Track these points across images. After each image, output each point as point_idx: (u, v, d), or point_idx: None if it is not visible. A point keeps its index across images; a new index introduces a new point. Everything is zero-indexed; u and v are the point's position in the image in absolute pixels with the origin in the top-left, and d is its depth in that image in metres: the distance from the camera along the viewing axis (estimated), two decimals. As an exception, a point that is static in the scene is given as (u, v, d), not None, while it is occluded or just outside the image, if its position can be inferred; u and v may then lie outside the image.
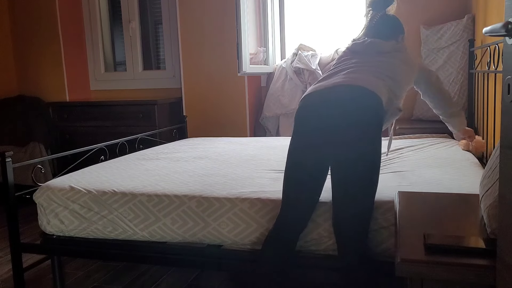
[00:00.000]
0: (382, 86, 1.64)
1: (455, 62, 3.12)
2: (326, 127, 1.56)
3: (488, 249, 0.97)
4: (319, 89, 1.65)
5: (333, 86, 1.63)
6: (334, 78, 1.68)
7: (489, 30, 0.81)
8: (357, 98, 1.57)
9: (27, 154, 3.75)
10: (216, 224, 1.80)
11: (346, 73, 1.69)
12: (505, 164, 0.83)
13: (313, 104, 1.63)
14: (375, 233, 1.63)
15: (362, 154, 1.52)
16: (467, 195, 1.40)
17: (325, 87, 1.64)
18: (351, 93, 1.59)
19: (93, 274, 2.42)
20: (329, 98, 1.61)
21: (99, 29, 4.51)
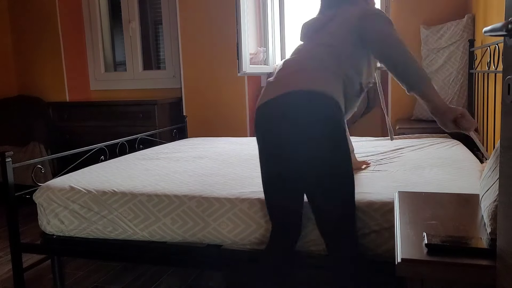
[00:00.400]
0: (335, 81, 1.53)
1: (455, 62, 3.12)
2: (285, 144, 1.49)
3: (488, 249, 0.97)
4: (272, 96, 1.53)
5: (286, 94, 1.50)
6: (286, 78, 1.57)
7: (489, 30, 0.81)
8: (313, 111, 1.46)
9: (27, 154, 3.75)
10: (216, 224, 1.80)
11: (296, 70, 1.58)
12: (505, 164, 0.83)
13: (267, 121, 1.53)
14: (375, 235, 1.63)
15: (325, 163, 1.46)
16: (467, 195, 1.40)
17: (277, 95, 1.51)
18: (306, 106, 1.47)
19: (93, 274, 2.42)
20: (282, 113, 1.49)
21: (99, 29, 4.51)
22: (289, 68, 1.60)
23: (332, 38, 1.61)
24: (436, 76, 3.23)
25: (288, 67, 1.61)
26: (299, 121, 1.46)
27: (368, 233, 1.63)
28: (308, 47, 1.67)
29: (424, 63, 3.33)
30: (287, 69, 1.60)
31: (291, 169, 1.52)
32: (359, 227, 1.64)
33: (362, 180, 1.96)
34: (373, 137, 3.13)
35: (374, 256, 1.64)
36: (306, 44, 1.70)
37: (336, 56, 1.57)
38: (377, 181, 1.92)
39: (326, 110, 1.47)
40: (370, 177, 2.01)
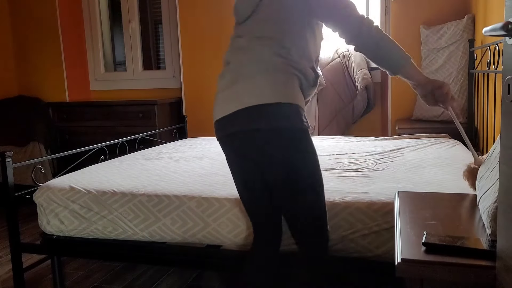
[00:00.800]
0: (288, 82, 1.39)
1: (455, 62, 3.12)
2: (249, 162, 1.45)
3: (488, 250, 0.97)
4: (227, 112, 1.39)
5: (241, 112, 1.35)
6: (237, 90, 1.39)
7: (489, 30, 0.81)
8: (272, 126, 1.35)
9: (27, 154, 3.75)
10: (216, 224, 1.80)
11: (246, 78, 1.38)
12: (505, 164, 0.83)
13: (229, 138, 1.44)
14: (376, 235, 1.63)
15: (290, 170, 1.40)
16: (467, 195, 1.40)
17: (231, 112, 1.38)
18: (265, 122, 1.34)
19: (93, 274, 2.42)
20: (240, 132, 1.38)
21: (99, 29, 4.51)
22: (237, 75, 1.41)
23: (271, 27, 1.42)
24: (436, 76, 3.23)
25: (235, 74, 1.42)
26: (258, 138, 1.37)
27: (368, 234, 1.63)
28: (246, 43, 1.44)
29: (424, 63, 3.33)
30: (234, 76, 1.41)
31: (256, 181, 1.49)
32: (359, 227, 1.64)
33: (362, 180, 1.96)
34: (373, 137, 3.13)
35: (374, 256, 1.64)
36: (243, 40, 1.46)
37: (281, 51, 1.40)
38: (377, 181, 1.92)
39: (285, 122, 1.36)
40: (370, 177, 2.01)
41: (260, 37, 1.42)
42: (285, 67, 1.38)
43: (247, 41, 1.44)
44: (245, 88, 1.37)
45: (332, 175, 2.07)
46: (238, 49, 1.46)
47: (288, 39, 1.41)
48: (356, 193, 1.75)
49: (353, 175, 2.06)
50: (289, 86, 1.38)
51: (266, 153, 1.38)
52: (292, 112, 1.37)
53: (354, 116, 3.85)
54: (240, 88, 1.38)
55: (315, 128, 3.79)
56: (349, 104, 3.80)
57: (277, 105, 1.34)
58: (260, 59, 1.39)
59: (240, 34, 1.49)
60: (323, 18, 1.47)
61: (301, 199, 1.43)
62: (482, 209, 1.14)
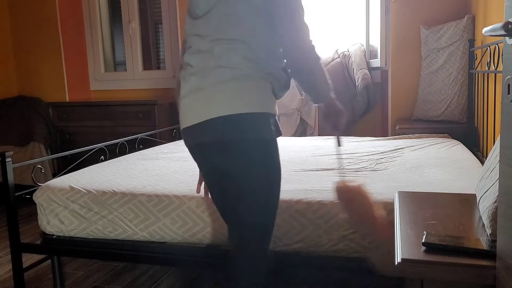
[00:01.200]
0: (261, 88, 1.30)
1: (455, 62, 3.12)
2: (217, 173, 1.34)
3: (488, 250, 0.97)
4: (192, 122, 1.30)
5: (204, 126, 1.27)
6: (207, 97, 1.28)
7: (489, 30, 0.81)
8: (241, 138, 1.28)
9: (27, 154, 3.75)
10: (216, 224, 1.80)
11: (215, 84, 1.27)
12: (505, 164, 0.83)
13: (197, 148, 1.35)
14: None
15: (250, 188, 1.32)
16: (467, 195, 1.40)
17: (194, 122, 1.29)
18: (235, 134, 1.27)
19: (93, 274, 2.42)
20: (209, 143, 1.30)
21: (99, 29, 4.51)
22: (203, 80, 1.29)
23: (236, 27, 1.29)
24: (436, 76, 3.23)
25: (201, 79, 1.29)
26: (226, 149, 1.28)
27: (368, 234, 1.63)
28: (209, 46, 1.29)
29: (424, 63, 3.33)
30: (200, 82, 1.29)
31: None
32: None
33: (362, 180, 1.96)
34: (373, 137, 3.13)
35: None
36: (206, 41, 1.30)
37: (250, 55, 1.28)
38: (377, 181, 1.92)
39: (254, 133, 1.28)
40: (370, 177, 2.01)
41: (224, 39, 1.28)
42: (254, 72, 1.28)
43: (210, 43, 1.29)
44: (214, 96, 1.27)
45: (332, 175, 2.07)
46: (200, 51, 1.31)
47: (256, 40, 1.29)
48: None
49: (353, 175, 2.06)
50: (259, 93, 1.30)
51: (232, 163, 1.29)
52: (261, 122, 1.29)
53: (354, 116, 3.85)
54: (209, 96, 1.27)
55: (315, 128, 3.79)
56: (349, 104, 3.80)
57: (246, 115, 1.26)
58: (227, 64, 1.27)
59: (200, 33, 1.32)
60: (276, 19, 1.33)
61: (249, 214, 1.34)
62: (482, 209, 1.14)
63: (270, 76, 1.32)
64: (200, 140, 1.31)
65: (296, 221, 1.71)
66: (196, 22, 1.35)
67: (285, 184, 1.93)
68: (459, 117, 3.14)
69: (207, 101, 1.27)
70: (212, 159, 1.31)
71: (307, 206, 1.71)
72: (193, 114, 1.29)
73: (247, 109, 1.26)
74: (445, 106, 3.17)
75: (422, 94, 3.32)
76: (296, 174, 2.11)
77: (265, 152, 1.32)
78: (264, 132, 1.29)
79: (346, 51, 3.88)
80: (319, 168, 2.22)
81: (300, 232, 1.70)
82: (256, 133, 1.28)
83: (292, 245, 1.72)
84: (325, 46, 4.10)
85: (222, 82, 1.26)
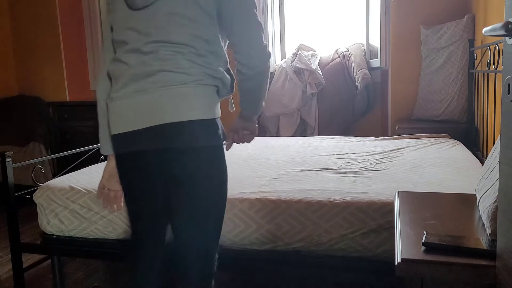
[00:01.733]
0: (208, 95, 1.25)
1: (455, 62, 3.12)
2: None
3: (488, 249, 0.97)
4: (133, 128, 1.22)
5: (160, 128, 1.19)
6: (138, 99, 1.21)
7: (489, 30, 0.81)
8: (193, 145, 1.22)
9: (27, 154, 3.75)
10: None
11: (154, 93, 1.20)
12: (505, 164, 0.83)
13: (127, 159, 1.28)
14: (376, 235, 1.63)
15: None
16: (467, 195, 1.40)
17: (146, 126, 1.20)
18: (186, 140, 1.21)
19: (93, 274, 2.42)
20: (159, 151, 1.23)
21: (99, 29, 4.50)
22: (145, 83, 1.21)
23: (182, 29, 1.21)
24: (436, 76, 3.23)
25: (143, 81, 1.21)
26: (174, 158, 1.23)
27: (368, 233, 1.63)
28: (152, 47, 1.22)
29: (424, 63, 3.33)
30: (142, 84, 1.21)
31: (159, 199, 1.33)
32: (359, 227, 1.64)
33: (362, 180, 1.96)
34: (373, 137, 3.13)
35: (374, 256, 1.64)
36: (148, 42, 1.22)
37: (198, 60, 1.23)
38: (377, 181, 1.92)
39: (203, 140, 1.23)
40: (370, 177, 2.01)
41: (170, 42, 1.21)
42: (203, 77, 1.23)
43: (153, 45, 1.21)
44: (160, 101, 1.19)
45: (332, 175, 2.08)
46: (140, 51, 1.22)
47: (204, 44, 1.23)
48: (356, 193, 1.75)
49: (353, 175, 2.06)
50: (208, 99, 1.25)
51: (189, 171, 1.24)
52: (213, 128, 1.25)
53: (354, 116, 3.85)
54: (152, 100, 1.20)
55: (315, 128, 3.79)
56: (349, 104, 3.81)
57: (195, 122, 1.21)
58: (173, 69, 1.20)
59: (140, 29, 1.22)
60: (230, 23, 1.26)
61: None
62: (482, 209, 1.14)
63: (218, 81, 1.28)
64: (152, 146, 1.22)
65: (296, 221, 1.71)
66: (134, 14, 1.23)
67: (285, 184, 1.94)
68: (459, 117, 3.14)
69: (154, 106, 1.19)
70: (166, 167, 1.24)
71: (307, 206, 1.71)
72: (139, 118, 1.20)
73: (199, 115, 1.21)
74: (445, 106, 3.17)
75: (422, 94, 3.32)
76: (296, 174, 2.11)
77: (221, 158, 1.29)
78: (215, 138, 1.26)
79: (346, 51, 3.88)
80: (319, 168, 2.22)
81: (300, 231, 1.70)
82: (209, 140, 1.24)
83: (292, 244, 1.72)
84: (325, 46, 4.10)
85: (170, 86, 1.20)
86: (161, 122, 1.19)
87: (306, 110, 3.80)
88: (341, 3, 4.15)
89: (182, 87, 1.20)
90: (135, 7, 1.23)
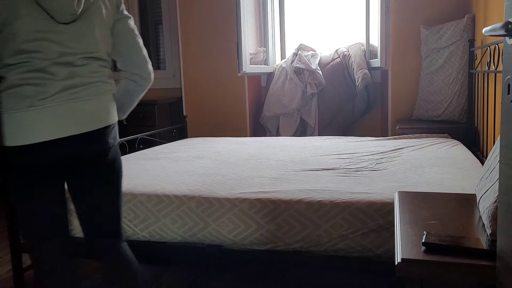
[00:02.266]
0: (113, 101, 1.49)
1: (455, 62, 3.12)
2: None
3: (487, 250, 0.97)
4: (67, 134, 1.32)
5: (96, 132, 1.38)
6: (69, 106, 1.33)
7: (489, 30, 0.81)
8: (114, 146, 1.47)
9: (27, 154, 3.74)
10: (216, 224, 1.80)
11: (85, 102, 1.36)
12: (506, 164, 0.83)
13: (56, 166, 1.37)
14: (376, 235, 1.63)
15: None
16: (467, 195, 1.40)
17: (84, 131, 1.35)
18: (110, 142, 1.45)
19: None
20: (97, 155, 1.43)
21: (99, 29, 4.50)
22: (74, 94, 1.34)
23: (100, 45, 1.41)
24: (436, 76, 3.23)
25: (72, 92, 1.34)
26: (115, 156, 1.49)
27: (368, 233, 1.63)
28: (81, 61, 1.36)
29: (424, 63, 3.33)
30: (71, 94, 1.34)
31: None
32: (359, 227, 1.64)
33: (362, 180, 1.96)
34: (373, 137, 3.13)
35: (374, 256, 1.64)
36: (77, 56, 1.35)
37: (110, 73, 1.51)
38: (377, 181, 1.92)
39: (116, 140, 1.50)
40: (370, 177, 2.01)
41: (97, 57, 1.41)
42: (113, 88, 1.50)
43: (83, 60, 1.36)
44: (96, 108, 1.40)
45: (332, 175, 2.08)
46: (73, 65, 1.34)
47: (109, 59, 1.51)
48: (356, 193, 1.75)
49: (353, 175, 2.06)
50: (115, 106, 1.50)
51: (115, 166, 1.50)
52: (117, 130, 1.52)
53: (354, 116, 3.85)
54: (89, 107, 1.37)
55: (315, 128, 3.79)
56: (349, 104, 3.81)
57: (113, 125, 1.47)
58: (103, 80, 1.44)
59: (68, 43, 1.33)
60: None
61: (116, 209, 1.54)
62: (482, 209, 1.14)
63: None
64: (97, 148, 1.41)
65: (296, 221, 1.71)
66: (57, 27, 1.30)
67: (285, 184, 1.94)
68: (459, 117, 3.14)
69: (86, 113, 1.37)
70: (109, 163, 1.46)
71: (307, 206, 1.71)
72: (77, 123, 1.35)
73: (114, 120, 1.48)
74: (445, 106, 3.17)
75: (422, 94, 3.32)
76: (296, 174, 2.11)
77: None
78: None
79: (346, 51, 3.88)
80: (319, 168, 2.22)
81: (300, 231, 1.70)
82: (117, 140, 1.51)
83: (292, 244, 1.72)
84: (325, 46, 4.10)
85: (102, 95, 1.42)
86: (98, 126, 1.39)
87: (306, 110, 3.80)
88: (341, 3, 4.15)
89: (108, 96, 1.46)
90: (63, 21, 1.31)
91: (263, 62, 4.08)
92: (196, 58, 3.95)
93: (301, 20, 4.30)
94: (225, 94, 3.90)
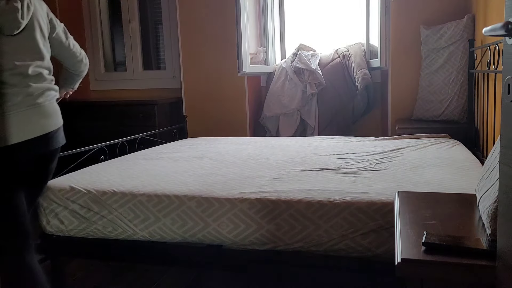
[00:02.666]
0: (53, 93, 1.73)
1: (455, 62, 3.12)
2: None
3: (487, 250, 0.97)
4: (43, 132, 1.65)
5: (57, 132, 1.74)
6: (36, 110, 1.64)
7: (489, 30, 0.81)
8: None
9: (27, 154, 3.75)
10: (216, 224, 1.80)
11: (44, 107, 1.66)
12: (506, 164, 0.83)
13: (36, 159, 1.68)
14: (376, 235, 1.63)
15: None
16: (467, 195, 1.40)
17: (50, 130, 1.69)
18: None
19: (93, 274, 2.42)
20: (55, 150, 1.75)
21: (99, 29, 4.50)
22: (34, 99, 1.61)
23: (46, 57, 1.69)
24: (436, 76, 3.23)
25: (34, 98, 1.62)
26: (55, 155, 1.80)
27: (368, 233, 1.63)
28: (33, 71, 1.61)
29: (424, 63, 3.33)
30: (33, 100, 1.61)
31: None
32: (359, 227, 1.64)
33: (362, 180, 1.96)
34: (373, 137, 3.13)
35: (374, 256, 1.64)
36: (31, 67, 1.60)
37: (53, 80, 1.74)
38: (377, 181, 1.92)
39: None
40: (370, 177, 2.01)
41: (45, 67, 1.65)
42: (56, 94, 1.77)
43: (35, 68, 1.60)
44: (49, 112, 1.68)
45: (332, 175, 2.08)
46: (26, 75, 1.57)
47: (52, 67, 1.72)
48: (356, 193, 1.75)
49: (353, 175, 2.06)
50: (59, 109, 1.78)
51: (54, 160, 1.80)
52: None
53: (354, 116, 3.85)
54: (45, 112, 1.65)
55: (315, 128, 3.79)
56: (349, 104, 3.81)
57: (61, 126, 1.79)
58: (52, 87, 1.71)
59: (22, 54, 1.56)
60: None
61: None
62: (482, 209, 1.14)
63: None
64: (57, 145, 1.74)
65: (296, 221, 1.71)
66: (7, 40, 1.50)
67: (285, 184, 1.94)
68: (459, 117, 3.14)
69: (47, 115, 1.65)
70: (55, 159, 1.77)
71: (307, 206, 1.71)
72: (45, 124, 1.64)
73: (62, 121, 1.78)
74: (445, 106, 3.17)
75: (422, 94, 3.32)
76: (297, 174, 2.11)
77: None
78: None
79: (346, 51, 3.88)
80: (319, 168, 2.22)
81: (300, 231, 1.70)
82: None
83: (292, 244, 1.72)
84: (325, 46, 4.10)
85: (51, 101, 1.68)
86: (56, 128, 1.69)
87: (306, 110, 3.80)
88: (341, 3, 4.15)
89: (55, 100, 1.72)
90: (9, 32, 1.50)
91: (263, 62, 4.08)
92: (196, 58, 3.95)
93: (301, 20, 4.30)
94: (225, 94, 3.90)
